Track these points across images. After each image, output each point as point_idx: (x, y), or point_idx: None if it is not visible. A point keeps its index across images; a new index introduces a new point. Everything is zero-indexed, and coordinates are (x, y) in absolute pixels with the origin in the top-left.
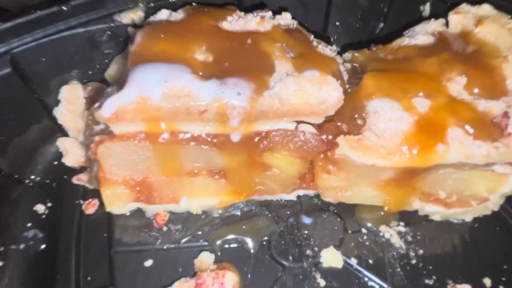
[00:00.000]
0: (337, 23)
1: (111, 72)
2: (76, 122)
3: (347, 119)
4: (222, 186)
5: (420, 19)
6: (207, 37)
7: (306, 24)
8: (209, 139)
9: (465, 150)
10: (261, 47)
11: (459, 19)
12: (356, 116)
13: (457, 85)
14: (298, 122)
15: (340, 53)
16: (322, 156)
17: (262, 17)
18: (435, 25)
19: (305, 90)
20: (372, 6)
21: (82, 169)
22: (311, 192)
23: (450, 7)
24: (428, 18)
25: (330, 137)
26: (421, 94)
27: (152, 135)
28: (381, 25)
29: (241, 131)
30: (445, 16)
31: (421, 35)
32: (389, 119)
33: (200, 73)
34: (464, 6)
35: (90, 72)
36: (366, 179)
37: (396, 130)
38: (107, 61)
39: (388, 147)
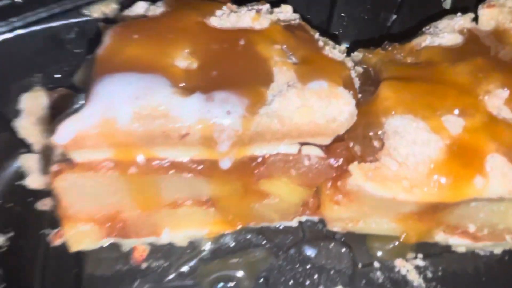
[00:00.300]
0: (343, 14)
1: (81, 76)
2: (41, 136)
3: (360, 138)
4: (211, 215)
5: (440, 13)
6: (191, 37)
7: (308, 15)
8: (193, 166)
9: (508, 184)
10: (256, 49)
11: (493, 14)
12: (371, 134)
13: (496, 99)
14: (302, 144)
15: (348, 51)
16: (330, 184)
17: (258, 11)
18: (463, 20)
19: (311, 107)
20: None
21: (49, 192)
22: (315, 217)
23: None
24: (450, 10)
25: (340, 161)
26: (453, 111)
27: (122, 164)
28: (394, 17)
29: (232, 157)
30: (471, 8)
31: (447, 32)
32: (414, 142)
33: (182, 84)
34: None
35: (57, 76)
36: (382, 211)
37: (423, 156)
38: (76, 62)
39: (412, 178)
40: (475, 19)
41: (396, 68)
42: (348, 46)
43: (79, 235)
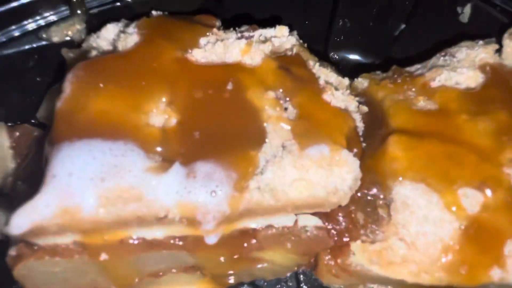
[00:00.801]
0: (346, 20)
1: (43, 112)
2: (3, 177)
3: (363, 202)
4: (197, 277)
5: (456, 25)
6: (169, 82)
7: (306, 21)
8: (173, 242)
9: None
10: (247, 97)
11: None
12: (377, 202)
13: None
14: (298, 214)
15: (349, 71)
16: (329, 255)
17: (249, 39)
18: (485, 53)
19: (309, 180)
20: (392, 2)
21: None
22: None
23: (500, 12)
24: (467, 25)
25: (341, 229)
26: (471, 183)
27: (91, 247)
28: (403, 26)
29: (218, 234)
30: (490, 26)
31: (466, 68)
32: (425, 220)
33: (159, 149)
34: None
35: (19, 109)
36: (386, 283)
37: (434, 237)
38: (40, 92)
39: (421, 262)
40: (499, 49)
41: (406, 114)
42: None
43: None
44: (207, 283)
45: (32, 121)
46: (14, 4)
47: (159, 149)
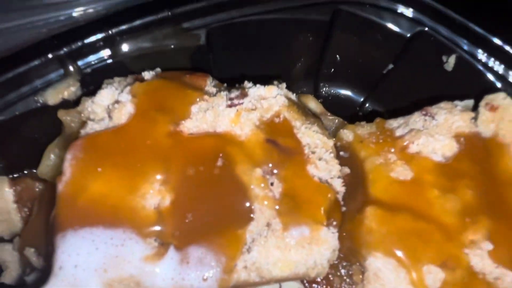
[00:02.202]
0: (337, 56)
1: (43, 169)
2: (11, 228)
3: (340, 267)
4: None
5: (441, 72)
6: (163, 160)
7: (297, 58)
8: None
9: None
10: (236, 173)
11: (494, 118)
12: (351, 265)
13: (480, 251)
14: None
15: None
16: None
17: (238, 106)
18: (462, 121)
19: (291, 260)
20: (382, 43)
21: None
22: None
23: (482, 65)
24: (451, 74)
25: None
26: (435, 261)
27: None
28: (391, 66)
29: None
30: (471, 78)
31: (443, 135)
32: None
33: (155, 232)
34: (503, 99)
35: (20, 164)
36: None
37: None
38: (39, 148)
39: None
40: (476, 116)
41: (384, 183)
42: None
43: None
44: None
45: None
46: (11, 72)
47: (155, 230)
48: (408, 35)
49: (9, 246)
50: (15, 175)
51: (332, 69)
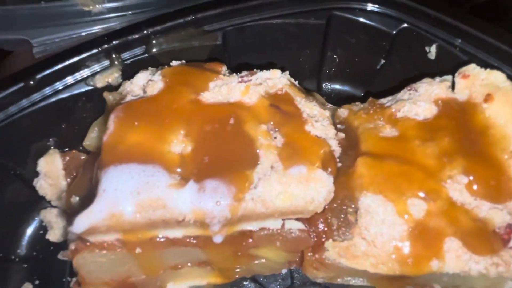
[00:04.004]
0: (335, 56)
1: (88, 141)
2: (58, 193)
3: (337, 210)
4: (208, 270)
5: (425, 62)
6: (186, 119)
7: (300, 59)
8: (189, 241)
9: (461, 266)
10: (245, 129)
11: (467, 84)
12: (346, 209)
13: (458, 185)
14: (285, 219)
15: (335, 98)
16: (310, 251)
17: (247, 83)
18: (439, 89)
19: (291, 192)
20: (372, 42)
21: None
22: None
23: (459, 51)
24: (435, 62)
25: (319, 230)
26: (418, 194)
27: (129, 244)
28: (383, 61)
29: (222, 234)
30: (452, 62)
31: (424, 101)
32: (382, 222)
33: (178, 170)
34: (473, 68)
35: (69, 138)
36: (356, 274)
37: (388, 236)
38: (85, 125)
39: (378, 256)
40: (453, 85)
41: (374, 140)
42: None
43: None
44: (215, 277)
45: (80, 148)
46: (69, 61)
47: (178, 170)
48: (394, 32)
49: (55, 210)
50: (65, 150)
51: (332, 69)
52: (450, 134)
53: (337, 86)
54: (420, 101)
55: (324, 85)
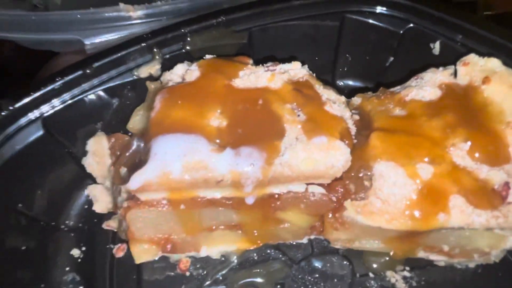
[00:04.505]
0: (347, 56)
1: (132, 124)
2: (103, 170)
3: (354, 178)
4: (238, 236)
5: (430, 57)
6: (221, 99)
7: (317, 57)
8: (225, 201)
9: (465, 219)
10: (272, 108)
11: (467, 71)
12: (362, 175)
13: (460, 151)
14: (308, 184)
15: (350, 93)
16: (331, 214)
17: (272, 72)
18: (443, 76)
19: (314, 158)
20: (382, 41)
21: (110, 215)
22: (321, 236)
23: (461, 46)
24: (439, 56)
25: (338, 196)
26: (425, 160)
27: (174, 201)
28: (391, 58)
29: (254, 195)
30: (454, 56)
31: (429, 86)
32: (394, 184)
33: (217, 141)
34: (473, 57)
35: (113, 123)
36: (372, 235)
37: (400, 196)
38: (128, 111)
39: (392, 212)
40: (455, 73)
41: (385, 119)
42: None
43: (142, 251)
44: (244, 242)
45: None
46: (118, 54)
47: (217, 140)
48: (401, 31)
49: (100, 186)
50: (110, 131)
51: (345, 67)
52: (453, 111)
53: (350, 82)
54: (426, 86)
55: (338, 81)
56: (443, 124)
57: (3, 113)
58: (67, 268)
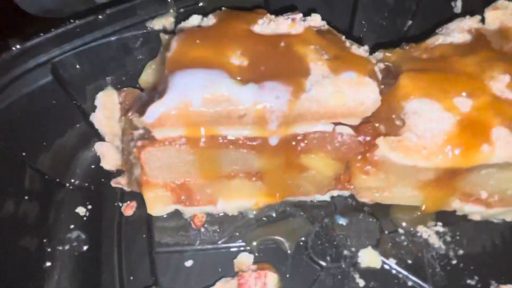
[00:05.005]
0: (363, 22)
1: (144, 77)
2: (112, 127)
3: (384, 120)
4: (257, 187)
5: (452, 16)
6: (241, 41)
7: (332, 24)
8: (247, 142)
9: (511, 150)
10: (295, 49)
11: (497, 15)
12: (394, 116)
13: (500, 84)
14: (335, 124)
15: (370, 52)
16: (359, 157)
17: (293, 20)
18: (471, 21)
19: (343, 92)
20: (399, 3)
21: (118, 173)
22: (345, 193)
23: (484, 2)
24: (461, 15)
25: (368, 138)
26: (462, 93)
27: (192, 140)
28: (410, 22)
29: (279, 135)
30: (480, 12)
31: (457, 32)
32: (430, 120)
33: (238, 78)
34: (503, 1)
35: (124, 78)
36: (405, 180)
37: (438, 130)
38: (139, 67)
39: (429, 147)
40: (482, 21)
41: (413, 62)
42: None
43: (156, 198)
44: (263, 196)
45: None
46: (132, 3)
47: (238, 77)
48: None
49: (108, 143)
50: (120, 86)
51: (361, 34)
52: (487, 49)
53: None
54: (454, 32)
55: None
56: (479, 59)
57: (11, 53)
58: (72, 226)
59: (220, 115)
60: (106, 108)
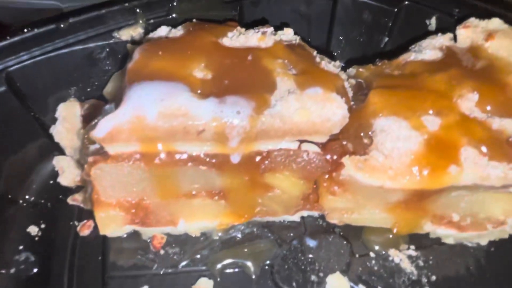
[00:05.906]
0: (341, 38)
1: (109, 89)
2: (73, 140)
3: (352, 137)
4: (221, 207)
5: (426, 33)
6: (206, 53)
7: (309, 39)
8: (207, 159)
9: (480, 172)
10: (262, 63)
11: (468, 33)
12: (362, 134)
13: (468, 102)
14: (301, 141)
15: (344, 68)
16: (326, 176)
17: (263, 33)
18: (443, 39)
19: (308, 108)
20: (376, 20)
21: (78, 189)
22: (315, 213)
23: (457, 21)
24: (435, 32)
25: (335, 156)
26: (431, 112)
27: (147, 156)
28: (386, 39)
29: (240, 152)
30: (452, 30)
31: (429, 49)
32: (397, 138)
33: (199, 91)
34: (473, 20)
35: (88, 89)
36: (373, 201)
37: (405, 149)
38: (105, 78)
39: (396, 167)
40: (455, 39)
41: (384, 79)
42: (344, 65)
43: (108, 219)
44: (227, 216)
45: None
46: (98, 12)
47: (199, 90)
48: (395, 9)
49: (68, 158)
50: (84, 98)
51: (338, 50)
52: (457, 66)
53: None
54: (425, 50)
55: None
56: (448, 77)
57: None
58: (21, 247)
59: (177, 130)
60: (67, 120)
